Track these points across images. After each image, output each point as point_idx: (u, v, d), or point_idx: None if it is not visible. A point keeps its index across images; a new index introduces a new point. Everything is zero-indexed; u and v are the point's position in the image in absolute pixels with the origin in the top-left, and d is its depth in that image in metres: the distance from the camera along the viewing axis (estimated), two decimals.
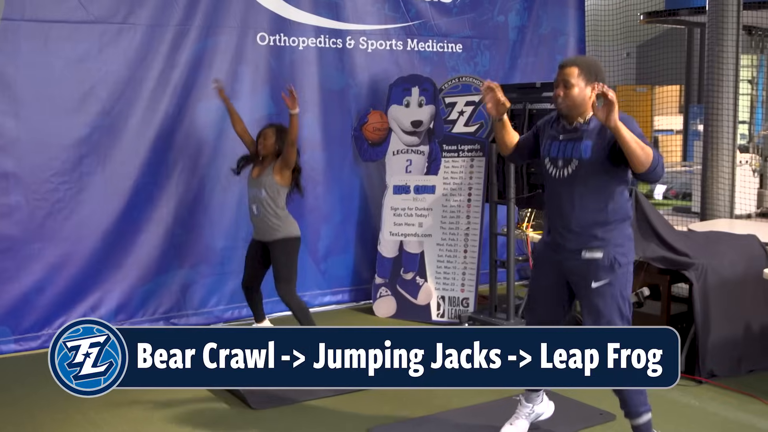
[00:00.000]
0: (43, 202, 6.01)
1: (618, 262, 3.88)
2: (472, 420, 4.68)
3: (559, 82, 3.91)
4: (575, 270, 3.95)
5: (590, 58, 4.06)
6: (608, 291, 3.88)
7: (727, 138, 7.57)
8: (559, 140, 3.98)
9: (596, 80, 3.87)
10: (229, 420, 4.77)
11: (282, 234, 5.66)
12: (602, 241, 3.88)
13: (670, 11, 9.59)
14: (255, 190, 5.70)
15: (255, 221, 5.77)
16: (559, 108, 3.94)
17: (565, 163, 3.93)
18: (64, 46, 5.98)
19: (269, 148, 5.69)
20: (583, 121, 3.90)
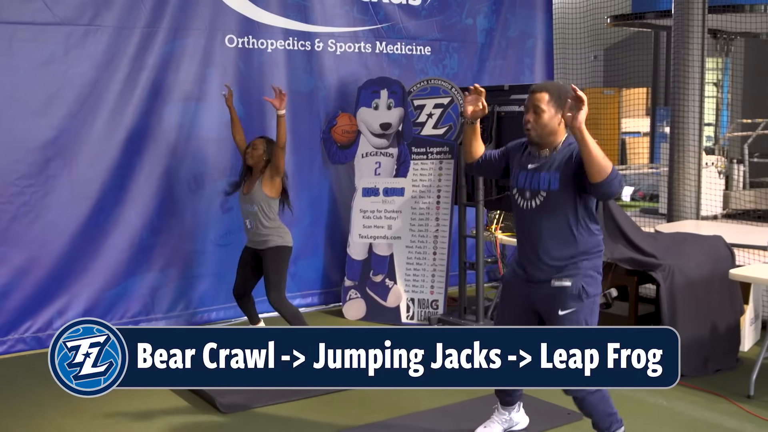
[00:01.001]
0: (8, 206, 5.94)
1: (586, 292, 3.87)
2: (441, 421, 4.69)
3: (529, 107, 3.87)
4: (543, 297, 3.93)
5: (561, 84, 4.03)
6: (574, 319, 3.86)
7: (693, 140, 7.64)
8: (527, 170, 3.94)
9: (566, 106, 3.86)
10: (198, 424, 4.74)
11: (274, 243, 5.71)
12: (572, 270, 3.87)
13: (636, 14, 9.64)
14: (247, 205, 5.75)
15: (249, 234, 5.81)
16: (529, 134, 3.89)
17: (532, 194, 3.90)
18: (30, 48, 5.93)
19: (257, 158, 5.74)
20: (552, 149, 3.87)
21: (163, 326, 6.52)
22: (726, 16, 8.74)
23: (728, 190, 8.88)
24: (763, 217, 8.22)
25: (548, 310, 3.93)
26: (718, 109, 10.17)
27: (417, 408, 4.90)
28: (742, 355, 5.71)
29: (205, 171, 6.70)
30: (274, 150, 5.69)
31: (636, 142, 14.97)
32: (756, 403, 4.93)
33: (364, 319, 6.96)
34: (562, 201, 3.83)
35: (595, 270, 3.93)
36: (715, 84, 10.07)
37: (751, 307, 5.88)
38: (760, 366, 5.10)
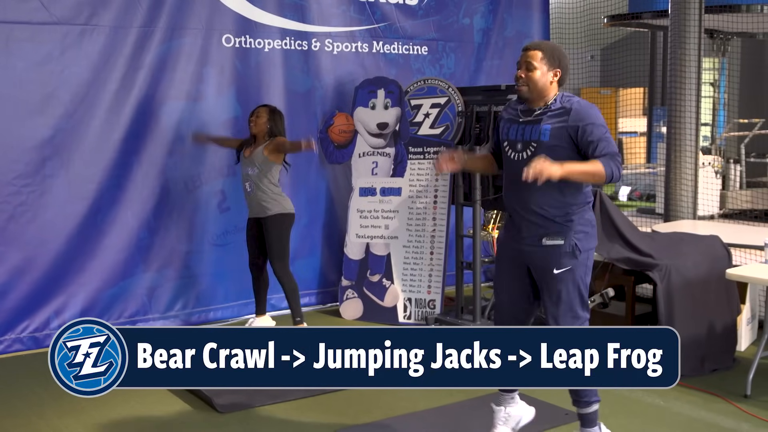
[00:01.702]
0: (5, 205, 5.93)
1: (579, 248, 3.88)
2: (438, 421, 4.69)
3: (522, 63, 3.94)
4: (536, 257, 3.94)
5: (554, 43, 4.10)
6: (570, 277, 3.88)
7: (690, 140, 7.65)
8: (518, 122, 3.98)
9: (559, 66, 3.92)
10: (195, 423, 4.74)
11: (275, 210, 5.80)
12: (563, 227, 3.88)
13: (633, 14, 9.66)
14: (248, 168, 5.87)
15: (248, 199, 5.92)
16: (520, 90, 3.94)
17: (524, 146, 3.92)
18: (26, 47, 5.92)
19: (261, 127, 5.85)
20: (544, 104, 3.92)
21: (161, 326, 6.52)
22: (722, 16, 8.76)
23: (725, 190, 8.91)
24: (760, 216, 8.24)
25: (542, 269, 3.94)
26: (715, 109, 10.19)
27: (416, 408, 4.90)
28: (738, 354, 5.72)
29: (202, 171, 6.70)
30: (279, 121, 5.85)
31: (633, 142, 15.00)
32: (753, 403, 4.94)
33: (361, 318, 6.96)
34: (552, 153, 3.82)
35: (588, 224, 3.94)
36: (711, 84, 10.08)
37: (747, 306, 5.89)
38: (757, 365, 5.10)
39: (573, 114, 3.83)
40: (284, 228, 5.88)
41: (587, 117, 3.81)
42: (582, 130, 3.80)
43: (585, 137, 3.80)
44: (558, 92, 3.95)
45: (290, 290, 5.80)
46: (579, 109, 3.84)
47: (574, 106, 3.85)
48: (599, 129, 3.80)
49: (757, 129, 9.97)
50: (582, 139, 3.80)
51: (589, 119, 3.80)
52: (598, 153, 3.79)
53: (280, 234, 5.80)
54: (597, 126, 3.80)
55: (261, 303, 6.16)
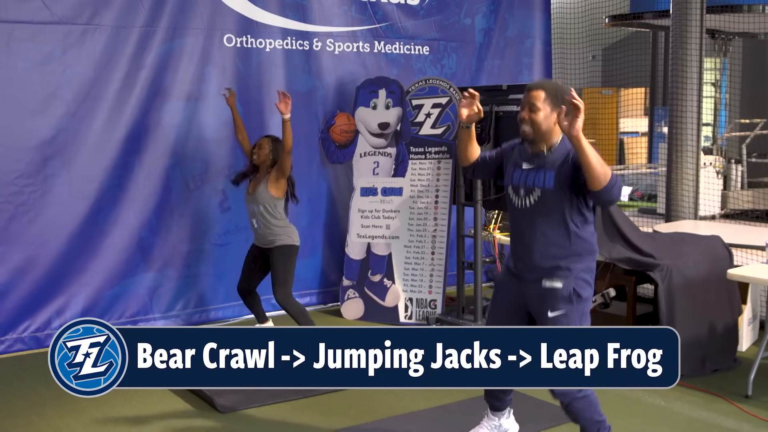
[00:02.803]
0: (6, 205, 5.94)
1: (577, 294, 3.82)
2: (440, 421, 4.69)
3: (525, 104, 3.84)
4: (534, 298, 3.89)
5: (557, 83, 3.99)
6: (564, 322, 3.80)
7: (692, 140, 7.65)
8: (521, 168, 3.91)
9: (563, 105, 3.81)
10: (196, 423, 4.74)
11: (282, 242, 5.73)
12: (564, 272, 3.82)
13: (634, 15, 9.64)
14: (253, 205, 5.78)
15: (255, 233, 5.84)
16: (524, 131, 3.86)
17: (527, 192, 3.86)
18: (28, 47, 5.92)
19: (264, 158, 5.78)
20: (548, 149, 3.84)
21: (162, 326, 6.52)
22: (724, 17, 8.75)
23: (726, 190, 8.89)
24: (761, 217, 8.23)
25: (538, 311, 3.89)
26: (716, 109, 10.17)
27: (416, 407, 4.90)
28: (740, 355, 5.72)
29: (203, 170, 6.70)
30: (280, 151, 5.72)
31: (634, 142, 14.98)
32: (754, 403, 4.94)
33: (362, 318, 6.96)
34: (556, 200, 3.79)
35: (588, 272, 3.88)
36: (713, 84, 10.07)
37: (749, 307, 5.89)
38: (758, 366, 5.11)
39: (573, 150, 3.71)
40: (290, 258, 5.76)
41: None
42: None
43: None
44: (562, 133, 3.81)
45: (298, 314, 5.69)
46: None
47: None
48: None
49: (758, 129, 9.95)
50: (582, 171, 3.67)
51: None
52: None
53: (286, 264, 5.75)
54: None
55: (259, 313, 6.12)
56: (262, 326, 6.22)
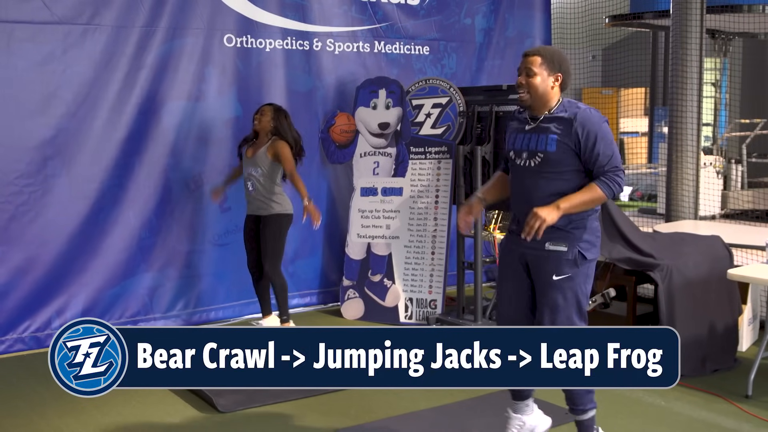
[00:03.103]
0: (7, 205, 5.94)
1: (583, 256, 3.83)
2: (440, 420, 4.69)
3: (522, 70, 3.89)
4: (538, 262, 3.88)
5: (555, 48, 4.03)
6: (568, 285, 3.82)
7: (692, 140, 7.65)
8: (524, 131, 3.93)
9: (559, 70, 3.85)
10: (196, 424, 4.74)
11: (275, 210, 5.79)
12: (567, 234, 3.82)
13: (634, 15, 9.65)
14: (250, 168, 5.87)
15: (249, 198, 5.95)
16: (521, 97, 3.89)
17: (530, 155, 3.87)
18: (28, 47, 5.92)
19: (265, 125, 5.86)
20: (548, 111, 3.87)
21: (162, 326, 6.52)
22: (724, 17, 8.75)
23: (726, 190, 8.90)
24: (761, 217, 8.24)
25: (541, 273, 3.87)
26: (717, 109, 10.19)
27: (416, 407, 4.90)
28: (740, 355, 5.72)
29: (203, 170, 6.70)
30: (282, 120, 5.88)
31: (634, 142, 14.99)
32: (754, 403, 4.94)
33: (363, 318, 6.96)
34: (559, 162, 3.80)
35: (592, 233, 3.89)
36: (713, 84, 10.08)
37: (749, 307, 5.89)
38: (759, 366, 5.11)
39: (578, 124, 3.76)
40: (282, 228, 5.89)
41: (592, 129, 3.75)
42: (586, 142, 3.75)
43: (588, 150, 3.75)
44: (561, 97, 3.90)
45: (280, 288, 5.81)
46: (584, 120, 3.77)
47: (580, 115, 3.78)
48: (603, 143, 3.75)
49: (758, 129, 9.96)
50: (585, 151, 3.76)
51: (594, 131, 3.75)
52: (599, 169, 3.77)
53: (278, 233, 5.81)
54: (600, 139, 3.75)
55: (266, 304, 6.17)
56: (264, 321, 6.26)
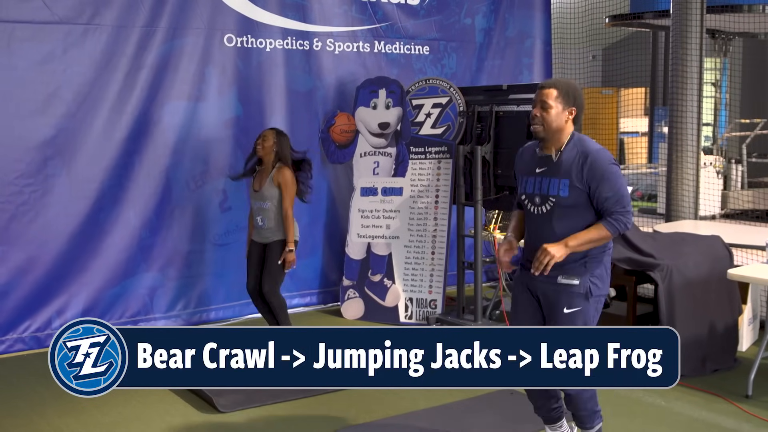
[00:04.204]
0: (7, 205, 5.94)
1: (591, 293, 3.86)
2: (439, 420, 4.69)
3: (537, 102, 3.85)
4: (549, 294, 3.90)
5: (570, 81, 4.00)
6: (579, 319, 3.85)
7: (692, 140, 7.65)
8: (534, 175, 3.92)
9: (574, 104, 3.83)
10: (197, 423, 4.75)
11: (281, 236, 5.70)
12: (580, 269, 3.85)
13: (635, 14, 9.64)
14: (259, 203, 5.73)
15: (257, 230, 5.78)
16: (536, 130, 3.87)
17: (542, 200, 3.88)
18: (28, 46, 5.92)
19: (268, 150, 5.75)
20: (557, 150, 3.85)
21: (163, 326, 6.52)
22: (724, 16, 8.75)
23: (726, 190, 8.90)
24: (761, 217, 8.24)
25: (552, 306, 3.90)
26: (717, 109, 10.19)
27: (415, 407, 4.91)
28: (740, 355, 5.72)
29: (203, 170, 6.70)
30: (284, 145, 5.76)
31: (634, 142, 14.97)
32: (754, 403, 4.94)
33: (363, 318, 6.96)
34: (571, 206, 3.82)
35: (604, 269, 3.92)
36: (713, 84, 10.08)
37: (749, 307, 5.89)
38: (759, 366, 5.11)
39: (588, 166, 3.76)
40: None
41: (601, 172, 3.75)
42: (597, 185, 3.75)
43: (596, 192, 3.76)
44: (572, 131, 3.88)
45: (279, 307, 5.73)
46: (594, 162, 3.77)
47: (590, 158, 3.77)
48: (610, 185, 3.76)
49: (758, 129, 9.96)
50: (594, 193, 3.77)
51: (602, 174, 3.75)
52: (606, 210, 3.78)
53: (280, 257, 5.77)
54: (608, 181, 3.75)
55: (269, 319, 6.12)
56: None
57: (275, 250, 5.72)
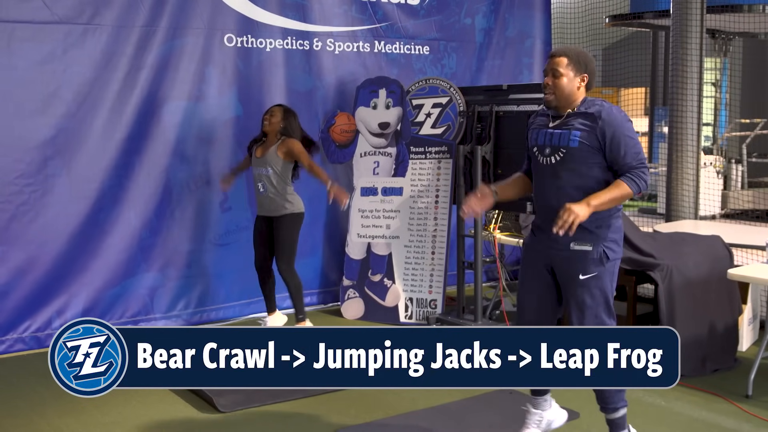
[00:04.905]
0: (7, 205, 5.94)
1: (607, 256, 3.83)
2: (439, 420, 4.69)
3: (548, 71, 3.87)
4: (563, 262, 3.88)
5: (580, 48, 4.01)
6: (595, 284, 3.83)
7: (692, 140, 7.65)
8: (547, 128, 3.93)
9: (585, 71, 3.85)
10: (197, 423, 4.74)
11: (287, 210, 5.79)
12: (592, 234, 3.82)
13: (635, 14, 9.65)
14: (260, 168, 5.86)
15: (260, 198, 5.92)
16: (547, 98, 3.88)
17: (552, 151, 3.87)
18: (28, 46, 5.92)
19: (275, 126, 5.88)
20: (572, 111, 3.87)
21: (163, 326, 6.52)
22: (724, 16, 8.76)
23: (726, 190, 8.90)
24: (761, 216, 8.24)
25: (568, 274, 3.88)
26: (717, 109, 10.19)
27: (415, 407, 4.91)
28: (740, 354, 5.72)
29: (204, 170, 6.70)
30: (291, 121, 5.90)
31: None
32: (754, 403, 4.94)
33: (363, 318, 6.96)
34: (581, 159, 3.81)
35: (616, 232, 3.90)
36: (713, 84, 10.08)
37: (749, 306, 5.89)
38: (759, 366, 5.11)
39: (603, 122, 3.76)
40: (295, 228, 5.91)
41: (617, 127, 3.75)
42: (611, 140, 3.75)
43: (613, 148, 3.76)
44: (584, 95, 3.90)
45: (295, 288, 5.84)
46: (609, 118, 3.77)
47: (604, 113, 3.78)
48: (628, 140, 3.76)
49: (758, 129, 9.96)
50: (610, 149, 3.76)
51: (619, 129, 3.75)
52: (624, 166, 3.77)
53: (291, 234, 5.82)
54: (625, 137, 3.76)
55: (271, 301, 6.18)
56: (269, 318, 6.27)
57: (284, 224, 5.78)
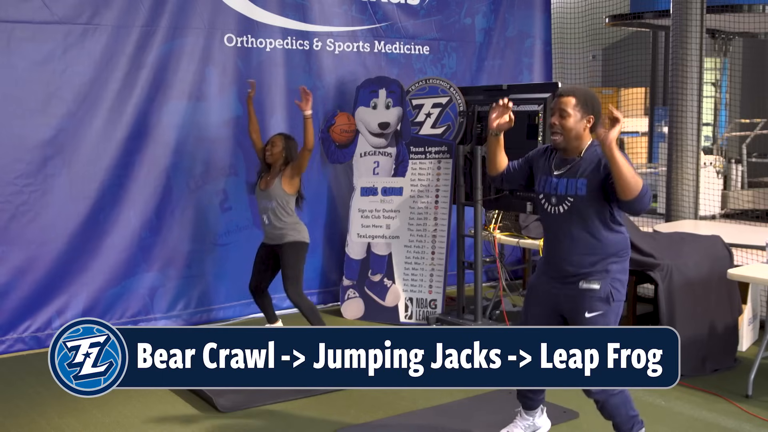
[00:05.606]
0: (7, 205, 5.94)
1: (613, 297, 3.85)
2: (439, 420, 4.70)
3: (556, 110, 3.86)
4: (570, 299, 3.90)
5: (588, 89, 4.01)
6: (601, 322, 3.84)
7: (692, 140, 7.65)
8: (552, 175, 3.92)
9: (592, 112, 3.83)
10: (197, 423, 4.74)
11: (292, 238, 5.75)
12: (602, 273, 3.85)
13: (635, 14, 9.64)
14: (265, 201, 5.80)
15: (266, 229, 5.84)
16: (556, 139, 3.87)
17: (559, 200, 3.87)
18: (28, 46, 5.92)
19: (276, 156, 5.81)
20: (578, 155, 3.86)
21: (163, 326, 6.52)
22: (724, 16, 8.75)
23: (726, 190, 8.90)
24: (761, 216, 8.24)
25: (574, 311, 3.89)
26: (717, 109, 10.19)
27: (415, 407, 4.91)
28: (740, 354, 5.72)
29: (204, 170, 6.70)
30: (292, 149, 5.78)
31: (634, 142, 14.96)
32: (754, 403, 4.94)
33: (363, 318, 6.96)
34: (589, 206, 3.81)
35: (623, 273, 3.92)
36: (713, 84, 10.08)
37: (749, 306, 5.89)
38: (759, 366, 5.11)
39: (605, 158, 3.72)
40: (300, 255, 5.82)
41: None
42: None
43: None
44: (591, 138, 3.88)
45: (308, 310, 5.76)
46: None
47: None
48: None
49: (758, 129, 9.96)
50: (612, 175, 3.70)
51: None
52: None
53: (296, 260, 5.79)
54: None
55: (270, 314, 6.15)
56: (272, 326, 6.25)
57: (288, 252, 5.76)
